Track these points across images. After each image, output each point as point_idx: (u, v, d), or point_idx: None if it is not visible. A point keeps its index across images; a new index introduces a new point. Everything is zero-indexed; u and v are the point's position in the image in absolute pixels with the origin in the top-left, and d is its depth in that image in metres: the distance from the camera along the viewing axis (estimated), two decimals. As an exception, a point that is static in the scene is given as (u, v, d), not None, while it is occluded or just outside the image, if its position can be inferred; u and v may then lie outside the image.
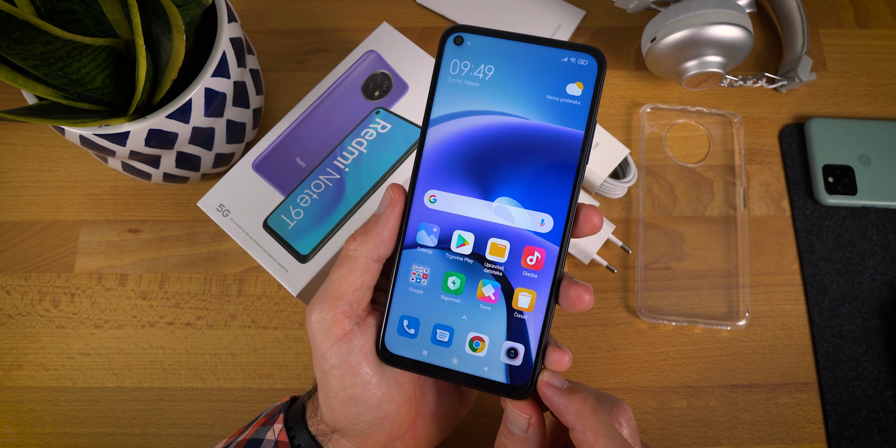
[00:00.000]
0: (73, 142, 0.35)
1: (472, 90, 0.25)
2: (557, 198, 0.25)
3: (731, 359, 0.42)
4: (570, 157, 0.25)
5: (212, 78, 0.34)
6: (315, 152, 0.38)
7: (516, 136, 0.25)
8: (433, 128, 0.25)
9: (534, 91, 0.25)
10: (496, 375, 0.25)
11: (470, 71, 0.25)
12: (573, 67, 0.25)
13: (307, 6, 0.50)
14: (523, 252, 0.25)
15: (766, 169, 0.46)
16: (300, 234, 0.37)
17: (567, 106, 0.25)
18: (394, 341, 0.26)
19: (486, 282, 0.25)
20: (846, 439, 0.40)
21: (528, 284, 0.25)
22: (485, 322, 0.25)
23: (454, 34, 0.25)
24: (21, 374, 0.41)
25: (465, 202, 0.25)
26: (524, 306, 0.25)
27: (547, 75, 0.25)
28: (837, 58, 0.49)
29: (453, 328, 0.25)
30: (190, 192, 0.45)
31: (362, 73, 0.39)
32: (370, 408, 0.26)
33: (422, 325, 0.25)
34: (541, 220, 0.25)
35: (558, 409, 0.24)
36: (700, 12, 0.42)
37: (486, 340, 0.25)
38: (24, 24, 0.25)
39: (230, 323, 0.42)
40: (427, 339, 0.25)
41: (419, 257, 0.26)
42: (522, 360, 0.25)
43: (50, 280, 0.43)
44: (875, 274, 0.43)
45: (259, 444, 0.28)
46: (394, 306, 0.26)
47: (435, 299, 0.25)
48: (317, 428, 0.28)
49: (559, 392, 0.24)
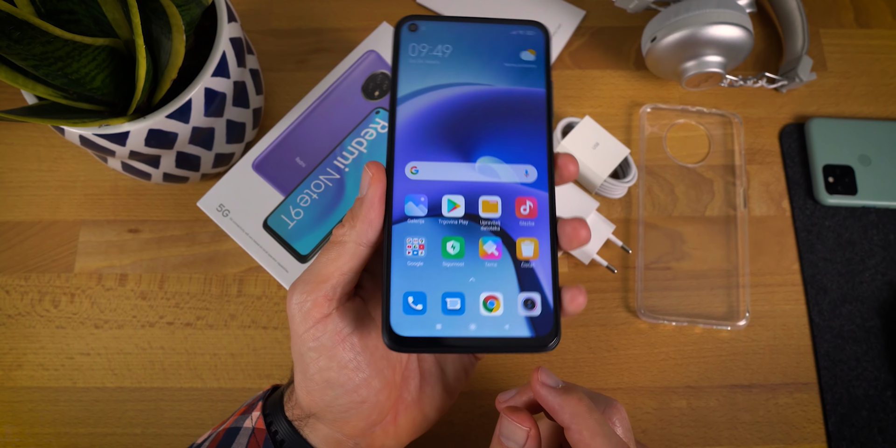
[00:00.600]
0: (72, 142, 0.35)
1: (433, 67, 0.27)
2: (535, 148, 0.26)
3: (732, 359, 0.42)
4: (538, 111, 0.26)
5: (212, 78, 0.34)
6: (315, 152, 0.38)
7: (484, 100, 0.26)
8: (402, 105, 0.26)
9: (492, 61, 0.27)
10: (519, 331, 0.24)
11: (429, 52, 0.27)
12: (522, 38, 0.27)
13: (307, 6, 0.50)
14: (515, 203, 0.25)
15: (766, 169, 0.46)
16: (300, 234, 0.37)
17: (525, 70, 0.27)
18: (402, 322, 0.24)
19: (485, 239, 0.25)
20: (846, 439, 0.40)
21: (527, 233, 0.25)
22: (494, 279, 0.24)
23: (408, 22, 0.27)
24: (21, 374, 0.41)
25: (447, 167, 0.25)
26: (529, 255, 0.25)
27: (501, 47, 0.27)
28: (838, 58, 0.49)
29: (463, 293, 0.24)
30: (190, 192, 0.45)
31: (362, 73, 0.39)
32: (346, 392, 0.25)
33: (429, 297, 0.24)
34: (525, 171, 0.26)
35: (554, 408, 0.24)
36: (700, 12, 0.42)
37: (501, 297, 0.24)
38: (24, 24, 0.25)
39: (230, 323, 0.42)
40: (438, 312, 0.24)
41: (411, 229, 0.25)
42: (541, 309, 0.24)
43: (50, 280, 0.43)
44: (875, 274, 0.43)
45: (237, 432, 0.28)
46: (394, 285, 0.24)
47: (437, 268, 0.24)
48: (293, 412, 0.28)
49: (554, 392, 0.24)
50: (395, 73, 0.26)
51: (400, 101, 0.26)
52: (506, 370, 0.41)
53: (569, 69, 0.48)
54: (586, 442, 0.23)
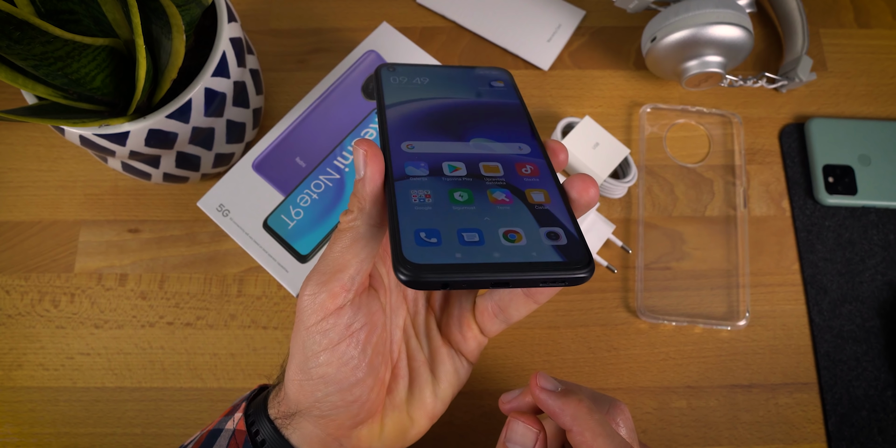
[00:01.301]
0: (72, 142, 0.35)
1: (416, 88, 0.29)
2: (524, 134, 0.28)
3: (731, 359, 0.42)
4: (519, 115, 0.29)
5: (212, 78, 0.34)
6: (315, 152, 0.38)
7: (467, 103, 0.29)
8: (391, 109, 0.28)
9: (466, 87, 0.30)
10: (549, 256, 0.22)
11: (409, 81, 0.30)
12: (490, 76, 0.31)
13: (307, 6, 0.50)
14: (516, 167, 0.25)
15: (766, 169, 0.46)
16: (300, 234, 0.37)
17: (498, 89, 0.30)
18: (415, 252, 0.21)
19: (493, 190, 0.24)
20: (846, 439, 0.40)
21: (534, 186, 0.25)
22: (511, 217, 0.23)
23: (384, 67, 0.30)
24: (21, 374, 0.41)
25: (443, 144, 0.26)
26: (541, 200, 0.24)
27: (473, 80, 0.30)
28: (837, 58, 0.49)
29: (480, 229, 0.23)
30: (190, 192, 0.45)
31: (362, 73, 0.39)
32: (340, 389, 0.25)
33: (443, 233, 0.22)
34: (518, 147, 0.27)
35: (554, 412, 0.24)
36: (700, 12, 0.42)
37: (521, 231, 0.23)
38: (24, 24, 0.25)
39: (230, 323, 0.42)
40: (455, 243, 0.22)
41: (415, 184, 0.24)
42: (567, 239, 0.23)
43: (50, 280, 0.43)
44: (875, 274, 0.43)
45: (219, 433, 0.28)
46: (402, 225, 0.22)
47: (448, 210, 0.23)
48: (278, 409, 0.27)
49: (553, 395, 0.24)
50: (381, 95, 0.29)
51: (388, 107, 0.28)
52: (506, 370, 0.41)
53: (569, 69, 0.48)
54: (588, 443, 0.23)
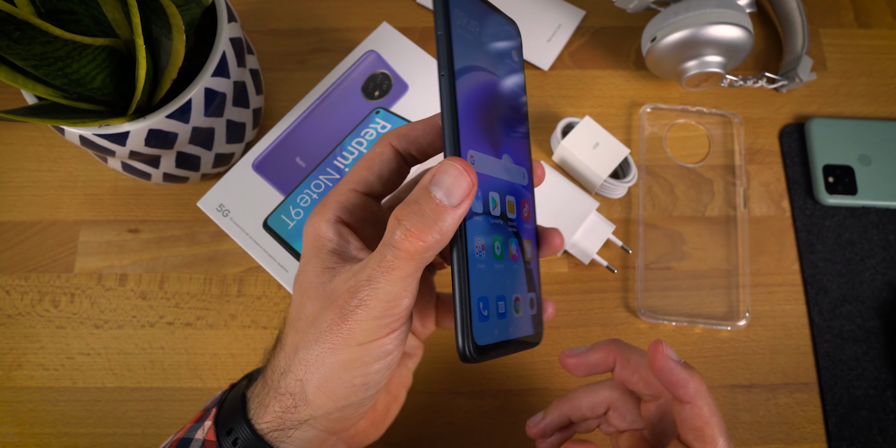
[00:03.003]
0: (72, 142, 0.35)
1: (470, 44, 0.23)
2: (527, 152, 0.27)
3: (731, 359, 0.42)
4: (523, 117, 0.27)
5: (212, 78, 0.34)
6: (315, 152, 0.38)
7: (500, 95, 0.25)
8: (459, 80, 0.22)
9: (501, 56, 0.26)
10: (528, 329, 0.24)
11: (466, 23, 0.23)
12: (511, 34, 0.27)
13: (307, 6, 0.50)
14: (521, 205, 0.25)
15: (766, 169, 0.46)
16: (300, 234, 0.37)
17: (514, 66, 0.26)
18: (478, 329, 0.22)
19: (511, 240, 0.25)
20: (846, 439, 0.40)
21: (526, 235, 0.26)
22: (516, 281, 0.24)
23: None
24: (21, 375, 0.41)
25: (489, 161, 0.24)
26: (529, 257, 0.25)
27: (504, 42, 0.26)
28: (838, 58, 0.49)
29: (505, 296, 0.23)
30: (190, 192, 0.45)
31: (362, 73, 0.39)
32: (375, 393, 0.24)
33: (490, 302, 0.22)
34: (523, 174, 0.26)
35: (678, 382, 0.24)
36: (700, 12, 0.42)
37: (521, 298, 0.24)
38: (24, 24, 0.25)
39: (230, 323, 0.42)
40: (495, 317, 0.23)
41: (476, 227, 0.23)
42: (536, 307, 0.25)
43: (50, 280, 0.43)
44: (875, 274, 0.43)
45: (188, 443, 0.25)
46: (473, 289, 0.22)
47: (491, 270, 0.23)
48: (280, 416, 0.24)
49: (680, 366, 0.24)
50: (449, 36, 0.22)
51: (458, 74, 0.22)
52: (506, 370, 0.41)
53: (569, 69, 0.48)
54: (705, 418, 0.24)
